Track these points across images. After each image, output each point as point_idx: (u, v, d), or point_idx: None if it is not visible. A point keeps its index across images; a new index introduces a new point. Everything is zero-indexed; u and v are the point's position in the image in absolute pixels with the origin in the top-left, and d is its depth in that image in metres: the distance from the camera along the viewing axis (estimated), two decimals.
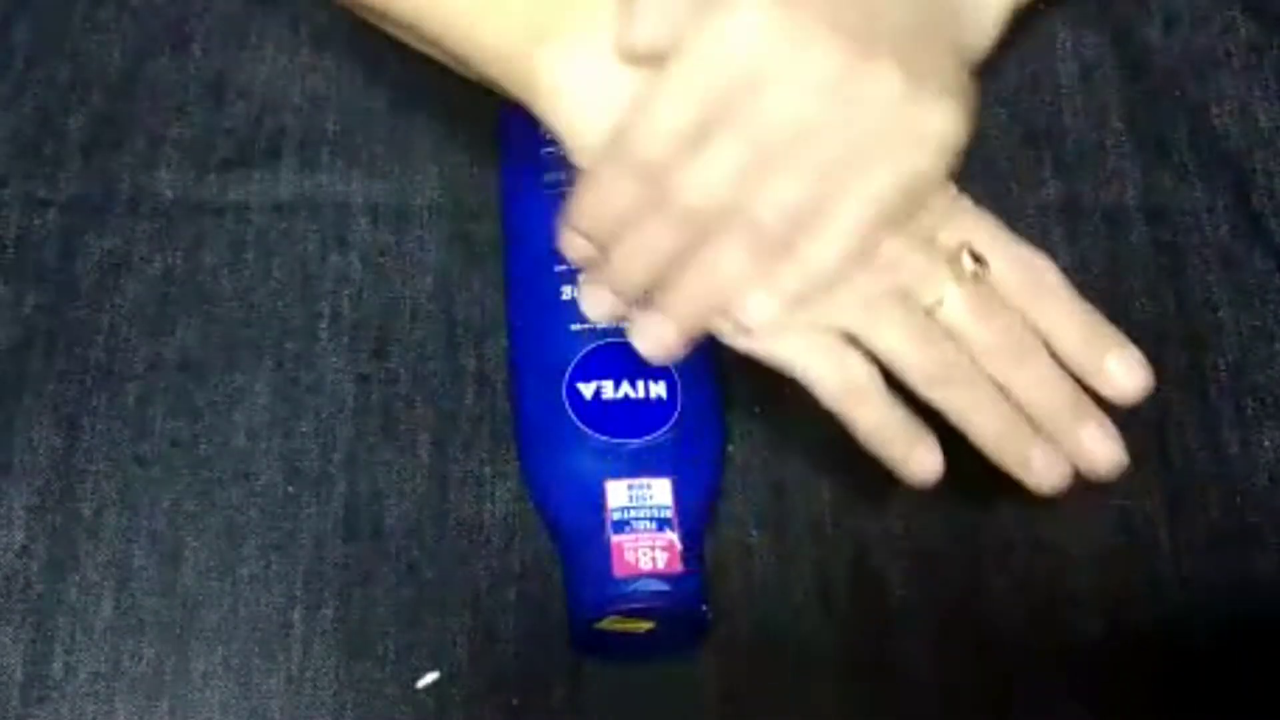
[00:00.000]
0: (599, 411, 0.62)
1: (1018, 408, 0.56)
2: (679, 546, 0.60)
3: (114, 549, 0.63)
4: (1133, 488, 0.66)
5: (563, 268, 0.64)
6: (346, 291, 0.68)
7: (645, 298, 0.56)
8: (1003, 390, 0.56)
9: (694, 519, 0.61)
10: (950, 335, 0.55)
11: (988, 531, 0.65)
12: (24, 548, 0.63)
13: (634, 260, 0.55)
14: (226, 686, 0.61)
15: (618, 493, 0.61)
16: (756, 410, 0.67)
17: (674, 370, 0.63)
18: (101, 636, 0.62)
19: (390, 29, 0.61)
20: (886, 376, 0.56)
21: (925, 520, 0.65)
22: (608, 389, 0.62)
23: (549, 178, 0.66)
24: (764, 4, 0.53)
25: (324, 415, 0.66)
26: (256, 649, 0.62)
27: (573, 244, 0.56)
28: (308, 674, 0.62)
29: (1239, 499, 0.66)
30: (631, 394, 0.62)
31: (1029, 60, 0.75)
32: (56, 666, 0.61)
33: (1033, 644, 0.63)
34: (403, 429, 0.66)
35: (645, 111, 0.54)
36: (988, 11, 0.60)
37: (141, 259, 0.68)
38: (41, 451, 0.65)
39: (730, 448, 0.66)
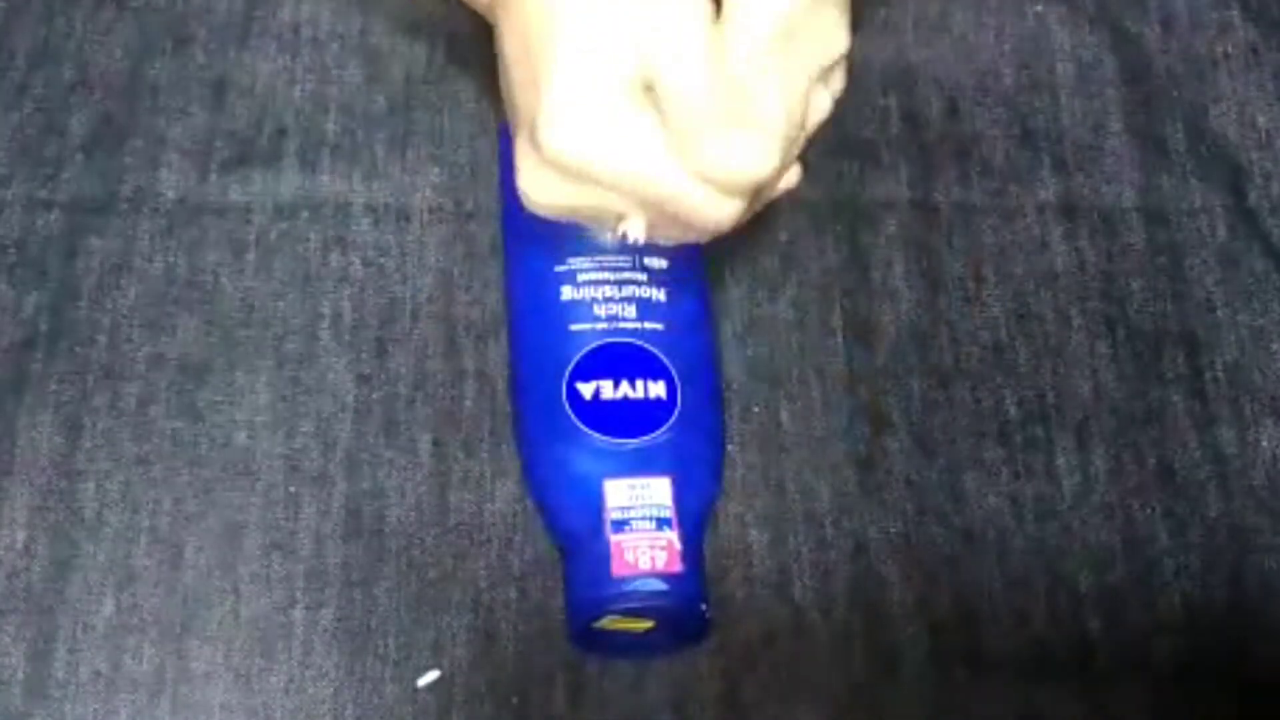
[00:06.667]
0: (599, 411, 0.62)
1: None
2: (678, 546, 0.60)
3: (115, 548, 0.63)
4: (1132, 488, 0.66)
5: (563, 268, 0.65)
6: (347, 291, 0.68)
7: None
8: None
9: (693, 519, 0.61)
10: None
11: (987, 531, 0.65)
12: (25, 547, 0.63)
13: None
14: (227, 686, 0.61)
15: (617, 492, 0.61)
16: (756, 410, 0.67)
17: (673, 370, 0.63)
18: (103, 636, 0.62)
19: None
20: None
21: (925, 520, 0.65)
22: (607, 389, 0.62)
23: None
24: None
25: (324, 415, 0.66)
26: (257, 648, 0.62)
27: None
28: (308, 673, 0.62)
29: (1238, 498, 0.66)
30: (631, 394, 0.62)
31: (1027, 61, 0.75)
32: (58, 666, 0.61)
33: (1032, 644, 0.63)
34: (403, 429, 0.66)
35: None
36: None
37: (143, 259, 0.69)
38: (43, 451, 0.65)
39: (730, 448, 0.66)
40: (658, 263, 0.65)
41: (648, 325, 0.64)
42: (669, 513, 0.61)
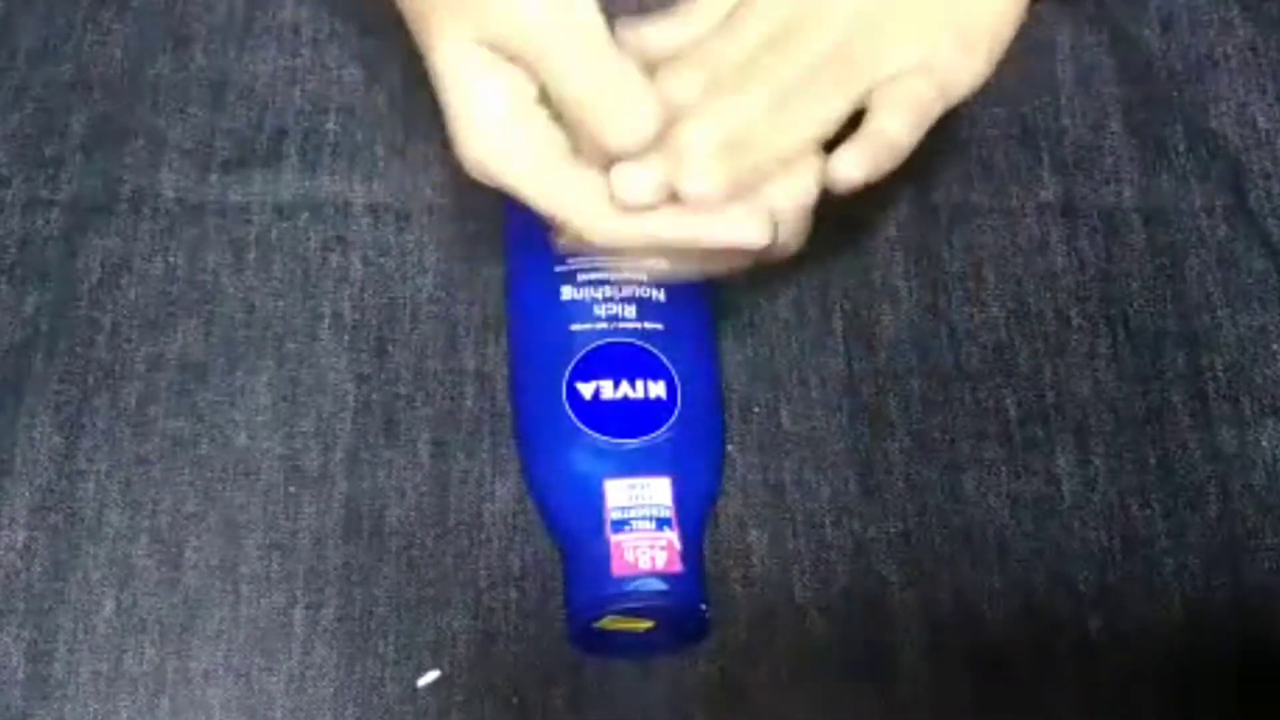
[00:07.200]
0: (598, 411, 0.62)
1: None
2: (678, 546, 0.60)
3: (115, 548, 0.63)
4: (1132, 487, 0.66)
5: (563, 268, 0.65)
6: (347, 291, 0.68)
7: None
8: None
9: (693, 518, 0.61)
10: None
11: (987, 531, 0.65)
12: (26, 547, 0.63)
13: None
14: (227, 686, 0.61)
15: (617, 492, 0.61)
16: (756, 410, 0.67)
17: (673, 370, 0.63)
18: (103, 636, 0.62)
19: None
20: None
21: (925, 520, 0.65)
22: (607, 389, 0.62)
23: None
24: None
25: (324, 415, 0.66)
26: (257, 648, 0.62)
27: None
28: (308, 673, 0.62)
29: (1237, 498, 0.66)
30: (631, 394, 0.62)
31: (1028, 61, 0.75)
32: (58, 666, 0.61)
33: (1032, 644, 0.63)
34: (403, 429, 0.66)
35: None
36: None
37: (143, 259, 0.69)
38: (43, 451, 0.65)
39: (730, 448, 0.66)
40: None
41: (648, 325, 0.64)
42: (669, 513, 0.61)
